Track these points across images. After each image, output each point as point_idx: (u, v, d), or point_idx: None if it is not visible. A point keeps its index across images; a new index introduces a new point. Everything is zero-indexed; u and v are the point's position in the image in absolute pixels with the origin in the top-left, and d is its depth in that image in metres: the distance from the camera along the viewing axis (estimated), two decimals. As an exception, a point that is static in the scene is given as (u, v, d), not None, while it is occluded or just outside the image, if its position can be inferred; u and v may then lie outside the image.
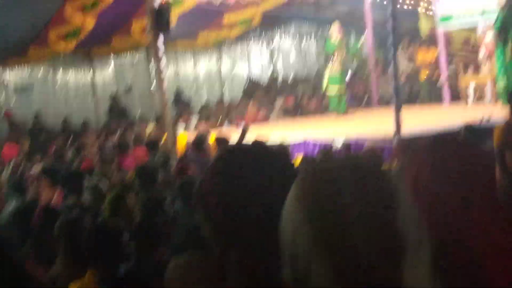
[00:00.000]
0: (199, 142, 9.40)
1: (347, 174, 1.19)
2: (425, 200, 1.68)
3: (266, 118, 14.70)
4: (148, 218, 5.52)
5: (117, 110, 16.19)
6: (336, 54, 12.56)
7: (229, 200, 1.52)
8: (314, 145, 9.64)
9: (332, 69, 12.66)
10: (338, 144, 8.79)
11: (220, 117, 15.08)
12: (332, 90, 12.81)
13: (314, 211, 1.18)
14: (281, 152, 1.70)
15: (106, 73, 17.18)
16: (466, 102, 12.03)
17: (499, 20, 10.26)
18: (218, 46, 18.33)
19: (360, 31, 14.08)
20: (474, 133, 7.16)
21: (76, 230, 4.10)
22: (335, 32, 12.73)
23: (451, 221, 1.78)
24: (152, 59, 16.63)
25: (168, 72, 17.39)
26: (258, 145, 1.65)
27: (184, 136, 11.83)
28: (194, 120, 14.39)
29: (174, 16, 12.31)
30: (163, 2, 10.28)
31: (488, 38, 10.91)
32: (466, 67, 12.94)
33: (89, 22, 12.40)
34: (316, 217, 1.17)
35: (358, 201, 1.15)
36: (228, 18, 15.37)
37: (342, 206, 1.15)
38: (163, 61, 10.44)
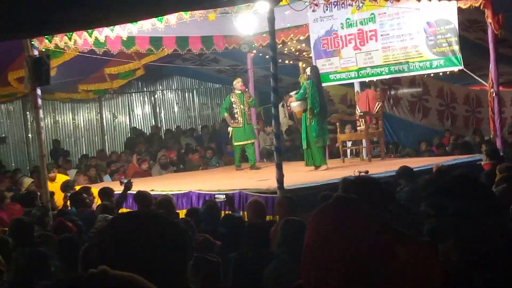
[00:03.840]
0: (78, 196, 9.09)
1: None
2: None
3: (148, 170, 14.51)
4: (23, 277, 5.25)
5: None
6: (238, 107, 12.73)
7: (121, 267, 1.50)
8: (198, 196, 9.61)
9: (237, 122, 12.79)
10: (222, 196, 8.81)
11: (101, 169, 14.73)
12: (238, 142, 12.87)
13: None
14: (169, 223, 1.73)
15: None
16: (343, 159, 12.47)
17: (302, 90, 11.44)
18: (99, 96, 18.06)
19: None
20: (353, 186, 7.40)
21: None
22: (238, 86, 12.92)
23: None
24: (29, 109, 16.26)
25: (47, 122, 16.92)
26: (146, 215, 1.66)
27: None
28: (73, 172, 13.95)
29: (53, 66, 12.02)
30: (41, 53, 10.02)
31: (293, 106, 11.88)
32: (342, 125, 13.46)
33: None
34: None
35: None
36: (109, 69, 15.21)
37: None
38: (41, 111, 10.10)
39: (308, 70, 11.71)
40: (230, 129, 12.99)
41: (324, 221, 1.83)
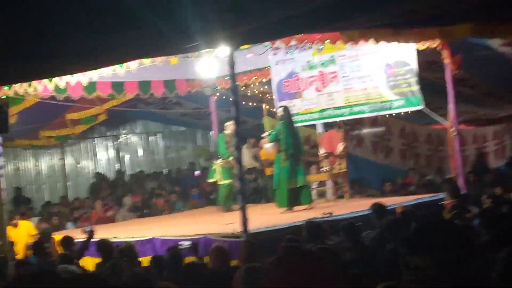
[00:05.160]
0: (39, 245, 8.90)
1: None
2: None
3: (112, 216, 14.29)
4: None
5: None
6: (229, 148, 12.69)
7: None
8: (162, 243, 9.47)
9: (225, 163, 12.70)
10: (186, 243, 8.68)
11: (64, 216, 14.47)
12: (225, 183, 12.74)
13: None
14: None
15: None
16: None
17: (274, 131, 11.56)
18: (62, 142, 17.85)
19: (207, 129, 14.28)
20: (316, 229, 7.39)
21: None
22: (229, 128, 12.86)
23: None
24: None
25: (8, 169, 16.62)
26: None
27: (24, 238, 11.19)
28: (35, 220, 13.67)
29: (13, 113, 11.88)
30: (0, 100, 9.89)
31: (267, 147, 12.01)
32: (307, 166, 13.45)
33: None
34: None
35: None
36: (71, 115, 15.09)
37: None
38: (1, 158, 9.94)
39: (280, 110, 11.75)
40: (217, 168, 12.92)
41: (282, 271, 2.04)
